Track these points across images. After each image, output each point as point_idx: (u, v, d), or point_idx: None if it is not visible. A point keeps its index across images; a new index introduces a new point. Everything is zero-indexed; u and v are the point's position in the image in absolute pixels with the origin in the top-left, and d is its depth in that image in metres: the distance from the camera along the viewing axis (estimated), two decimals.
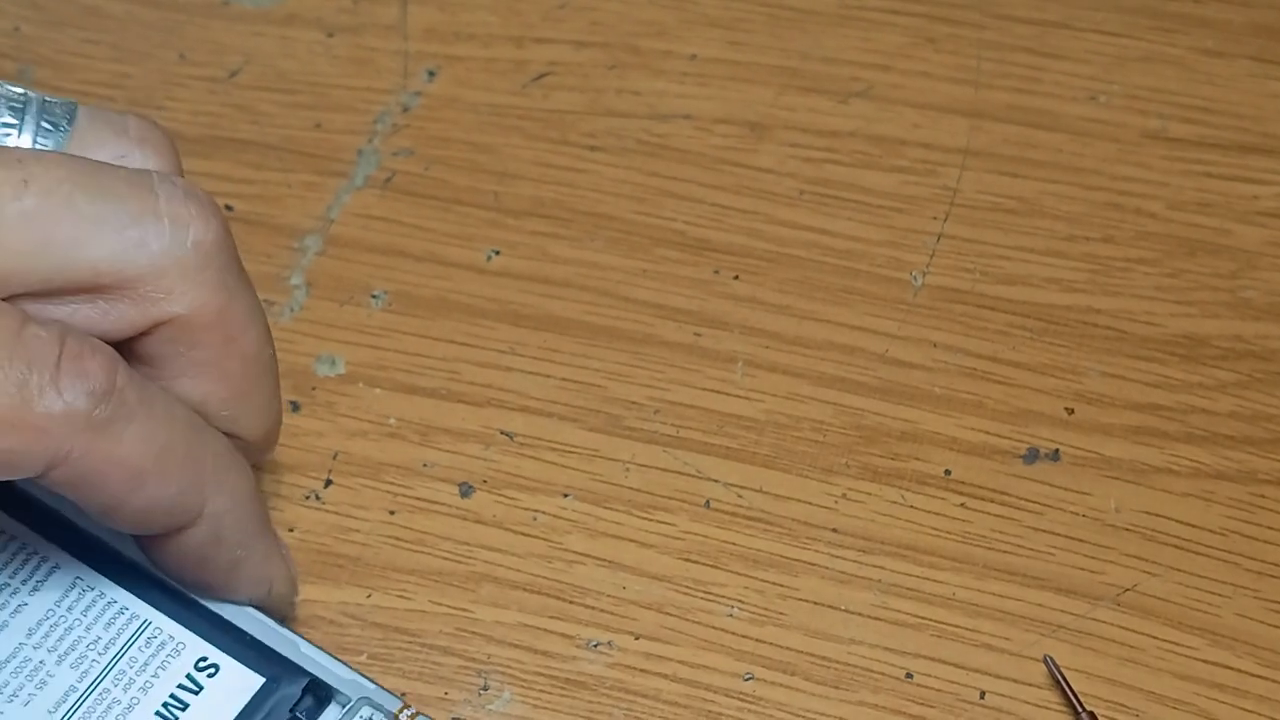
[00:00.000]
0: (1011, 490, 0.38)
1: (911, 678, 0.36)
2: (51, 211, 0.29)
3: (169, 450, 0.30)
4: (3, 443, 0.28)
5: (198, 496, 0.31)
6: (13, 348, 0.28)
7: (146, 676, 0.33)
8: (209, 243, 0.31)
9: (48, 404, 0.28)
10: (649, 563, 0.38)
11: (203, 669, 0.33)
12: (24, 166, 0.29)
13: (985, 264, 0.42)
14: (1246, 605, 0.37)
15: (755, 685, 0.36)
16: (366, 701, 0.33)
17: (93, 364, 0.29)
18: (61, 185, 0.30)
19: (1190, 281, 0.41)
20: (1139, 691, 0.36)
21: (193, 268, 0.31)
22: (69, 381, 0.28)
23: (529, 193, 0.43)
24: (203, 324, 0.31)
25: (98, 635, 0.33)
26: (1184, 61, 0.45)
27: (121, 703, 0.33)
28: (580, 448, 0.39)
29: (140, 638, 0.33)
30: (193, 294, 0.31)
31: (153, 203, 0.30)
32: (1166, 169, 0.43)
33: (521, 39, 0.46)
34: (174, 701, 0.33)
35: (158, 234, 0.30)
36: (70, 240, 0.30)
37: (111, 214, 0.30)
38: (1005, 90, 0.45)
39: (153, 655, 0.33)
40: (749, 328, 0.41)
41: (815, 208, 0.43)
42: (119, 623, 0.33)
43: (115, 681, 0.33)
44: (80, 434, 0.29)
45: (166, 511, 0.31)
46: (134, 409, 0.29)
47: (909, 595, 0.37)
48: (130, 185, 0.30)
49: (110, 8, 0.47)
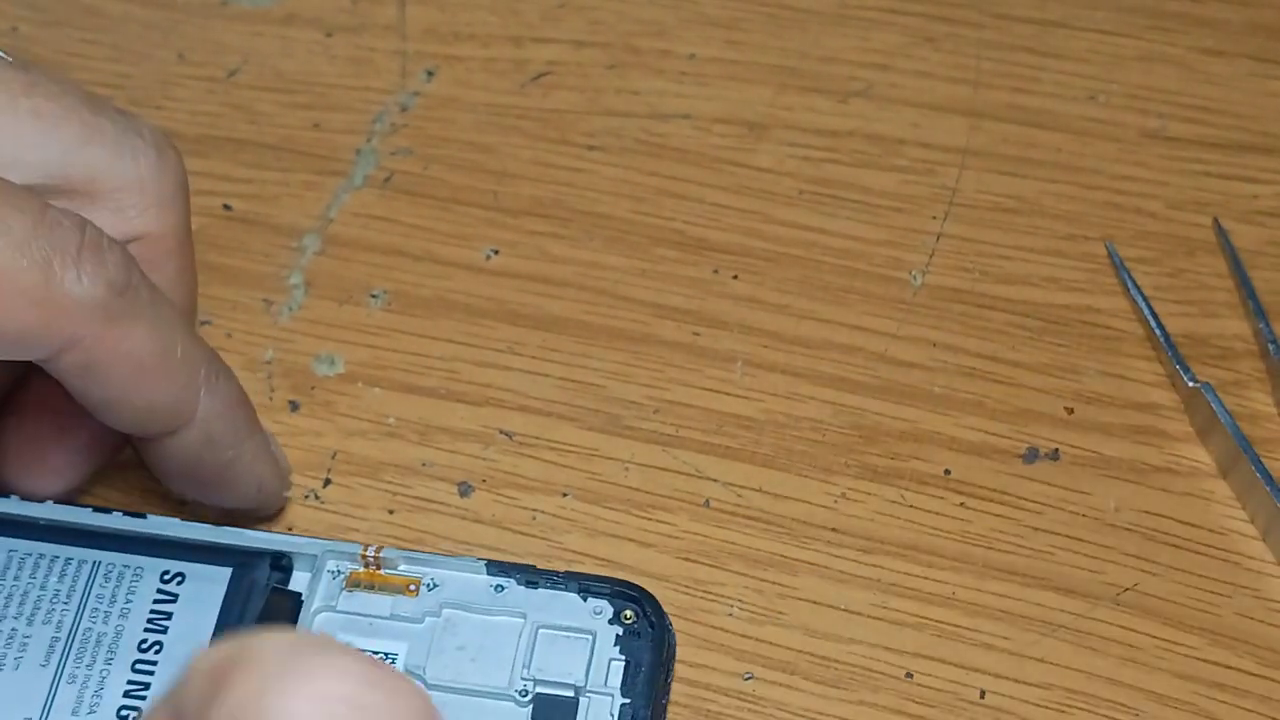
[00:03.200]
0: (1011, 490, 0.38)
1: (911, 677, 0.36)
2: (57, 111, 0.32)
3: (170, 351, 0.31)
4: (24, 317, 0.29)
5: (192, 398, 0.32)
6: (36, 228, 0.29)
7: (120, 605, 0.34)
8: (181, 174, 0.34)
9: (69, 286, 0.29)
10: (648, 562, 0.38)
11: (170, 580, 0.34)
12: (29, 73, 0.32)
13: (985, 263, 0.42)
14: (1246, 605, 0.37)
15: (755, 685, 0.36)
16: (330, 554, 0.34)
17: (111, 256, 0.30)
18: (66, 94, 0.32)
19: (1189, 281, 0.41)
20: (1139, 691, 0.36)
21: (168, 193, 0.33)
22: (90, 269, 0.30)
23: (528, 192, 0.43)
24: (167, 247, 0.34)
25: (55, 589, 0.34)
26: (1183, 61, 0.45)
27: (108, 634, 0.33)
28: (579, 447, 0.39)
29: (97, 577, 0.34)
30: (165, 217, 0.33)
31: (139, 127, 0.33)
32: (1165, 168, 0.43)
33: (520, 39, 0.46)
34: (157, 614, 0.34)
35: (144, 152, 0.33)
36: (74, 138, 0.32)
37: (109, 126, 0.32)
38: (1004, 90, 0.45)
39: (117, 587, 0.34)
40: (748, 327, 0.41)
41: (814, 207, 0.43)
42: (70, 573, 0.34)
43: (93, 619, 0.34)
44: (96, 321, 0.30)
45: (165, 411, 0.32)
46: (144, 307, 0.31)
47: (909, 595, 0.37)
48: (120, 111, 0.33)
49: (108, 7, 0.47)
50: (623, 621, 0.34)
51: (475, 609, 0.34)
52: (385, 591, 0.34)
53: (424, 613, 0.34)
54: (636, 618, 0.34)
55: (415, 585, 0.34)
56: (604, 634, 0.34)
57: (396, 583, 0.34)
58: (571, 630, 0.34)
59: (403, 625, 0.34)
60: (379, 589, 0.34)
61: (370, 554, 0.34)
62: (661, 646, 0.34)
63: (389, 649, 0.34)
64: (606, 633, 0.34)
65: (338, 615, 0.34)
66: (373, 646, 0.34)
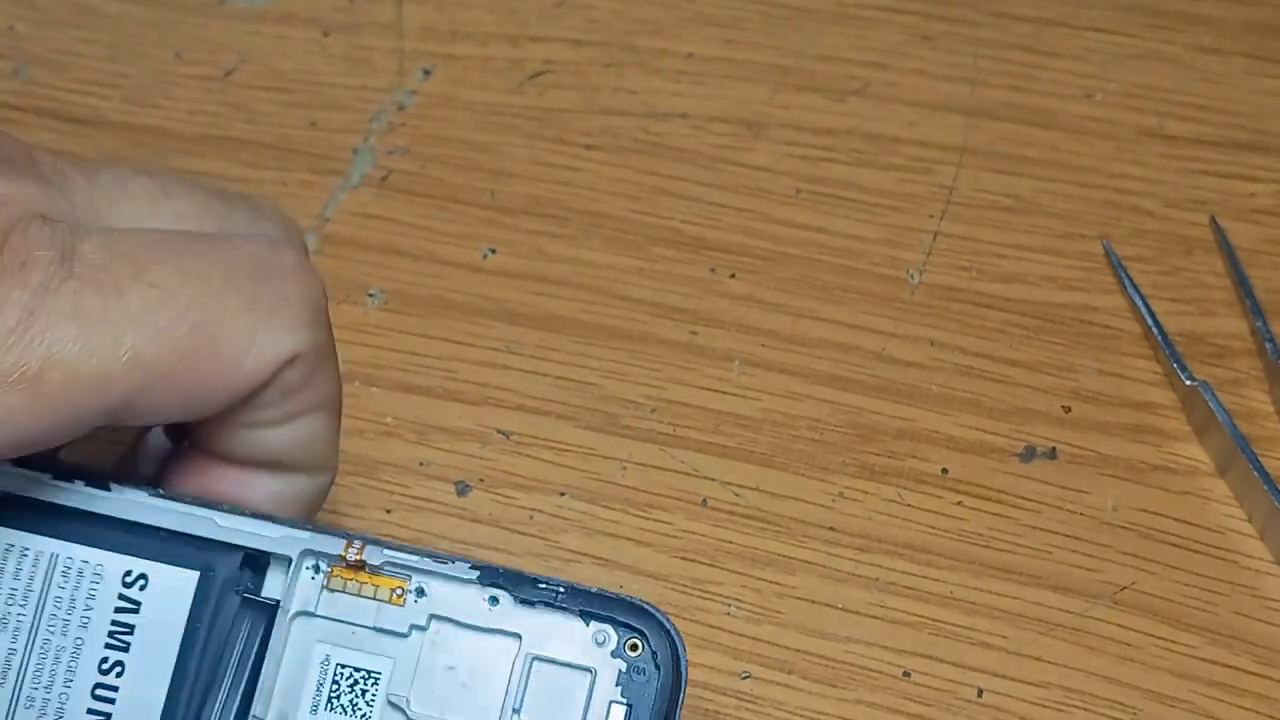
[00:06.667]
0: (1008, 489, 0.38)
1: (909, 676, 0.36)
2: (195, 212, 0.30)
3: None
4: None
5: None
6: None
7: (80, 613, 0.32)
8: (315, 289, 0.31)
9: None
10: (646, 561, 0.38)
11: (132, 584, 0.32)
12: (156, 177, 0.30)
13: (982, 262, 0.42)
14: (1244, 603, 0.37)
15: (753, 684, 0.36)
16: (308, 554, 0.31)
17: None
18: (197, 190, 0.30)
19: (1187, 279, 0.41)
20: (1136, 689, 0.36)
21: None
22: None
23: (525, 191, 0.43)
24: (316, 361, 0.31)
25: (11, 587, 0.32)
26: (1180, 59, 0.45)
27: (67, 649, 0.31)
28: (577, 446, 0.39)
29: (54, 575, 0.32)
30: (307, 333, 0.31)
31: (268, 211, 0.31)
32: (1163, 166, 0.43)
33: (517, 37, 0.46)
34: (118, 628, 0.32)
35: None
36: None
37: (243, 217, 0.31)
38: (1001, 88, 0.45)
39: (75, 588, 0.32)
40: (745, 326, 0.41)
41: (811, 206, 0.43)
42: (26, 566, 0.32)
43: (50, 630, 0.31)
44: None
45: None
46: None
47: (906, 593, 0.37)
48: (245, 199, 0.31)
49: (105, 6, 0.47)
50: (627, 654, 0.31)
51: (466, 624, 0.31)
52: (369, 596, 0.31)
53: (410, 625, 0.32)
54: (642, 649, 0.31)
55: (401, 591, 0.32)
56: (605, 671, 0.31)
57: (382, 584, 0.32)
58: (569, 666, 0.31)
59: (389, 640, 0.31)
60: (363, 591, 0.31)
61: (354, 551, 0.31)
62: (670, 690, 0.31)
63: (372, 666, 0.31)
64: (608, 669, 0.31)
65: (317, 620, 0.31)
66: (355, 661, 0.31)
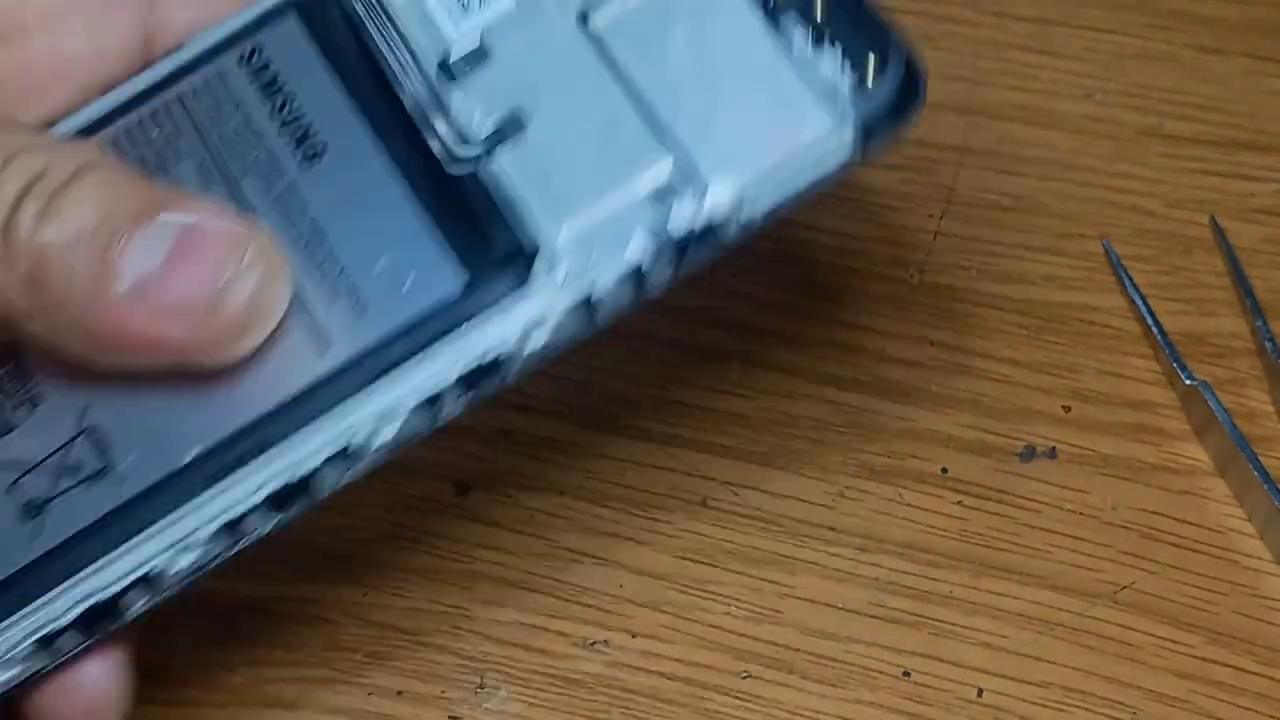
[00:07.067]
0: (1008, 488, 0.38)
1: (909, 676, 0.36)
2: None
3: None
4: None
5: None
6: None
7: (240, 116, 0.30)
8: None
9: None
10: (646, 561, 0.38)
11: (251, 60, 0.30)
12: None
13: (982, 261, 0.42)
14: (1244, 603, 0.37)
15: (752, 683, 0.36)
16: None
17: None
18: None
19: (1187, 279, 0.41)
20: (1136, 689, 0.36)
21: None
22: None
23: None
24: None
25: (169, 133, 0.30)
26: (1180, 59, 0.45)
27: (263, 157, 0.29)
28: (577, 446, 0.39)
29: (191, 101, 0.30)
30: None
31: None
32: (1163, 166, 0.43)
33: None
34: (270, 89, 0.30)
35: None
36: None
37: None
38: (1002, 88, 0.45)
39: (218, 98, 0.30)
40: (745, 326, 0.41)
41: (811, 205, 0.43)
42: (172, 115, 0.30)
43: (233, 150, 0.29)
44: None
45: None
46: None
47: (906, 593, 0.37)
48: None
49: None
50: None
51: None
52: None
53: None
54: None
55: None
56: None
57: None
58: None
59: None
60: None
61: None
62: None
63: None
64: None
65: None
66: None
